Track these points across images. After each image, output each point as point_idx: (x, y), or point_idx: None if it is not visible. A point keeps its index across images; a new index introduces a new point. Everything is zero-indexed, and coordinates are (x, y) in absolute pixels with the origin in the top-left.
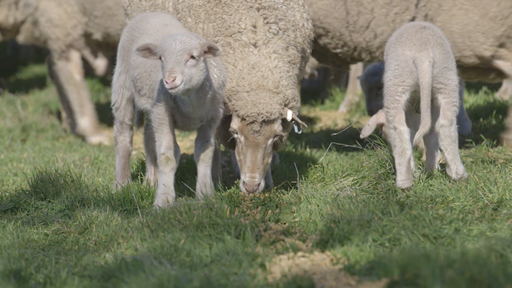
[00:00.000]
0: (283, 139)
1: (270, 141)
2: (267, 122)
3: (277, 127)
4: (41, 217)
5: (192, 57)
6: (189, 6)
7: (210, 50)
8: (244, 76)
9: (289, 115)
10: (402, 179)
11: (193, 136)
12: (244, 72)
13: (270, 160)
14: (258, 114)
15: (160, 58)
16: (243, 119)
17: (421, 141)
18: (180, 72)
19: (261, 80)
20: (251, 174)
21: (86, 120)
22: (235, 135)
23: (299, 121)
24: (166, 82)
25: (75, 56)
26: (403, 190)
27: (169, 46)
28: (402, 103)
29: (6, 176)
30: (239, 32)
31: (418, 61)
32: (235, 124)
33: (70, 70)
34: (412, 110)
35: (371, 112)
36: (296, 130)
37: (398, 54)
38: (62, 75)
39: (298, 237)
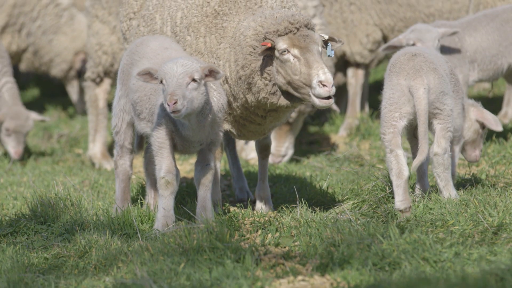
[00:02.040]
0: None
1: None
2: (309, 27)
3: (318, 36)
4: (40, 241)
5: (194, 80)
6: (188, 25)
7: (211, 73)
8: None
9: (325, 36)
10: (399, 200)
11: (193, 159)
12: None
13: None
14: (299, 16)
15: (161, 82)
16: (289, 31)
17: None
18: (181, 95)
19: None
20: (323, 70)
21: (96, 147)
22: (286, 56)
23: (336, 38)
24: (168, 105)
25: (106, 82)
26: (401, 211)
27: (170, 70)
28: (399, 128)
29: (6, 200)
30: (242, 35)
31: (414, 89)
32: (282, 44)
33: (96, 94)
34: (411, 136)
35: None
36: (328, 52)
37: (393, 83)
38: (88, 96)
39: (298, 261)
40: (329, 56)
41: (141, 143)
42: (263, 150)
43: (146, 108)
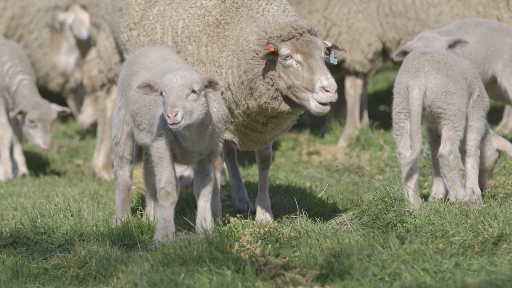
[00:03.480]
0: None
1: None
2: (312, 33)
3: (321, 42)
4: (40, 252)
5: (193, 91)
6: (189, 35)
7: (211, 84)
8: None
9: (329, 43)
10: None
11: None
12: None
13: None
14: (302, 21)
15: (161, 93)
16: (292, 36)
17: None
18: (181, 106)
19: None
20: (326, 76)
21: (100, 156)
22: (288, 62)
23: (339, 46)
24: (168, 117)
25: (115, 92)
26: (410, 213)
27: (170, 81)
28: (407, 129)
29: (6, 210)
30: (245, 40)
31: (410, 89)
32: (285, 49)
33: (105, 103)
34: (434, 135)
35: None
36: (332, 59)
37: (398, 82)
38: (98, 105)
39: (298, 272)
40: (332, 63)
41: (139, 154)
42: (264, 160)
43: (146, 119)
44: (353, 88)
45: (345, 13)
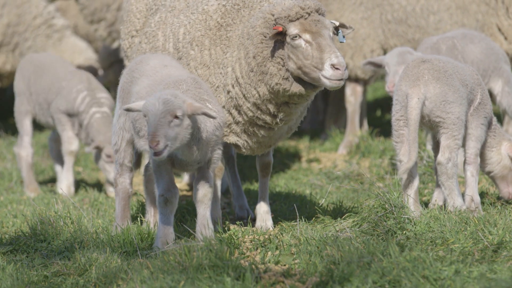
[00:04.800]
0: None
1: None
2: (320, 13)
3: (328, 22)
4: (40, 259)
5: (176, 117)
6: (191, 40)
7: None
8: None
9: (336, 22)
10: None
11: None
12: None
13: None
14: (309, 1)
15: (145, 116)
16: (300, 16)
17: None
18: (163, 135)
19: None
20: (336, 54)
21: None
22: (297, 41)
23: (347, 25)
24: (150, 147)
25: None
26: (410, 220)
27: (152, 107)
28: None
29: (6, 218)
30: (251, 28)
31: (409, 97)
32: (293, 29)
33: None
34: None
35: None
36: (340, 38)
37: (397, 89)
38: None
39: (298, 279)
40: (341, 42)
41: (138, 161)
42: (264, 168)
43: (145, 126)
44: (354, 95)
45: (354, 18)
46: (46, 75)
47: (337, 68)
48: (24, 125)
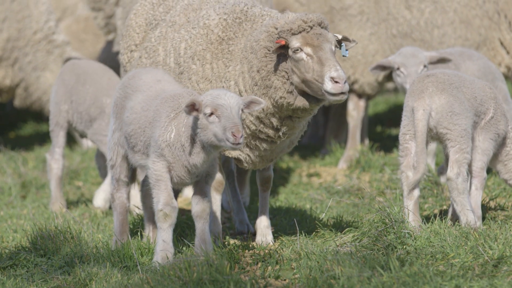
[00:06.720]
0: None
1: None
2: (323, 26)
3: (331, 35)
4: (40, 274)
5: (242, 110)
6: (192, 54)
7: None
8: None
9: (339, 36)
10: (409, 220)
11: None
12: None
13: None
14: (312, 15)
15: (210, 114)
16: (302, 29)
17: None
18: (241, 126)
19: None
20: (336, 67)
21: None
22: (299, 55)
23: (350, 38)
24: (234, 136)
25: None
26: (410, 235)
27: (225, 101)
28: (412, 150)
29: (6, 232)
30: (255, 41)
31: (415, 110)
32: (295, 42)
33: None
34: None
35: None
36: (343, 52)
37: (405, 105)
38: None
39: None
40: (343, 56)
41: (133, 176)
42: (264, 182)
43: (141, 141)
44: (356, 110)
45: (362, 35)
46: (89, 85)
47: (336, 82)
48: (59, 136)
